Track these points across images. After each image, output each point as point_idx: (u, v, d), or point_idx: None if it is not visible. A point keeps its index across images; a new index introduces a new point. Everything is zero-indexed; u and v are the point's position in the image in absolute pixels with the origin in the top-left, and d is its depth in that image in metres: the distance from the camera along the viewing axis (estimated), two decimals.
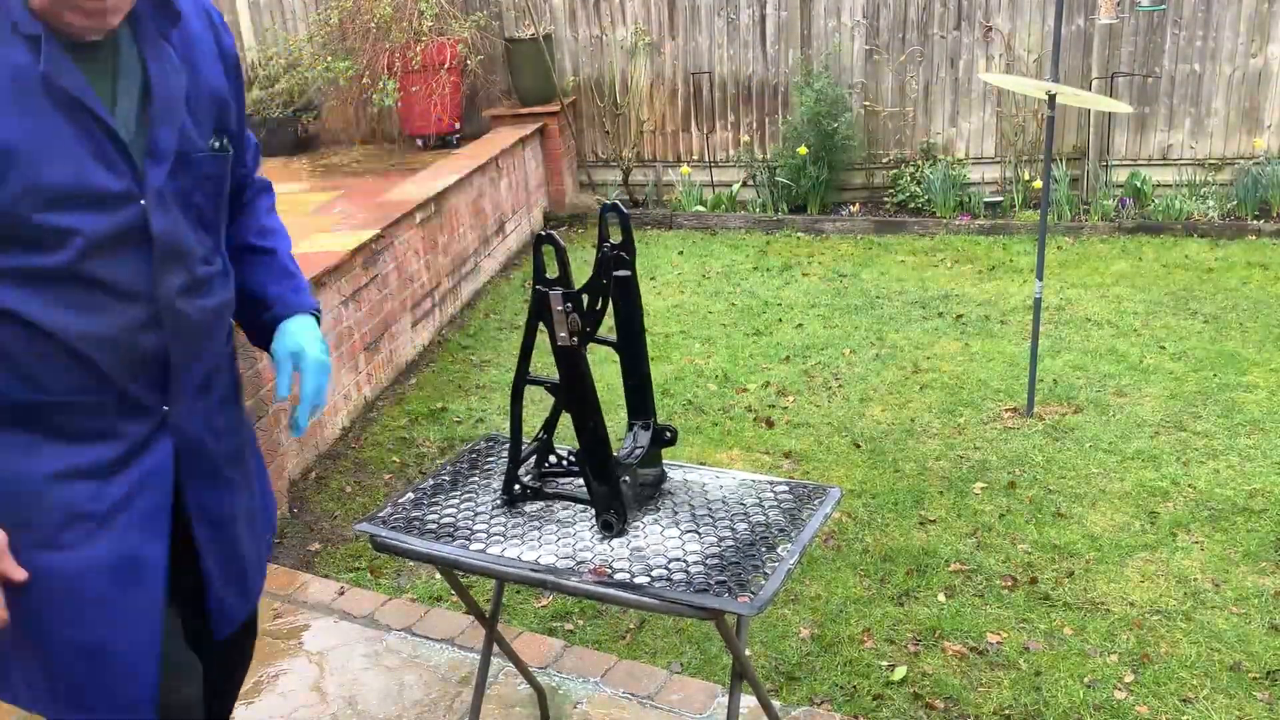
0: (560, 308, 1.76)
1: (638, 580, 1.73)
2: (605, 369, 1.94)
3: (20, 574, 1.46)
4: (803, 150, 7.10)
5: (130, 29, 1.49)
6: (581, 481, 1.93)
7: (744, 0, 7.35)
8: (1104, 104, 4.18)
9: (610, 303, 1.82)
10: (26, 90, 1.36)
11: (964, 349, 5.04)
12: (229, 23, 8.39)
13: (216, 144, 1.60)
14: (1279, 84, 6.69)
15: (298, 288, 1.82)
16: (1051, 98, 3.93)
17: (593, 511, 1.91)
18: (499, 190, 6.71)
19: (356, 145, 8.09)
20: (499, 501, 2.02)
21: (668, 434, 2.02)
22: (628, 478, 1.90)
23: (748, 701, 2.46)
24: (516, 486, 2.00)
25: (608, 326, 1.85)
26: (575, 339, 1.78)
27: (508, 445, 1.99)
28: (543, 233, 1.81)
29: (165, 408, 1.57)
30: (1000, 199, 7.15)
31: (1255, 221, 6.53)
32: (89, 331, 1.45)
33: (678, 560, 1.78)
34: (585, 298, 1.79)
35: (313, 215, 6.03)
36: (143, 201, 1.46)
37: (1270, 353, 4.76)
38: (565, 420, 1.91)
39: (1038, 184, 6.86)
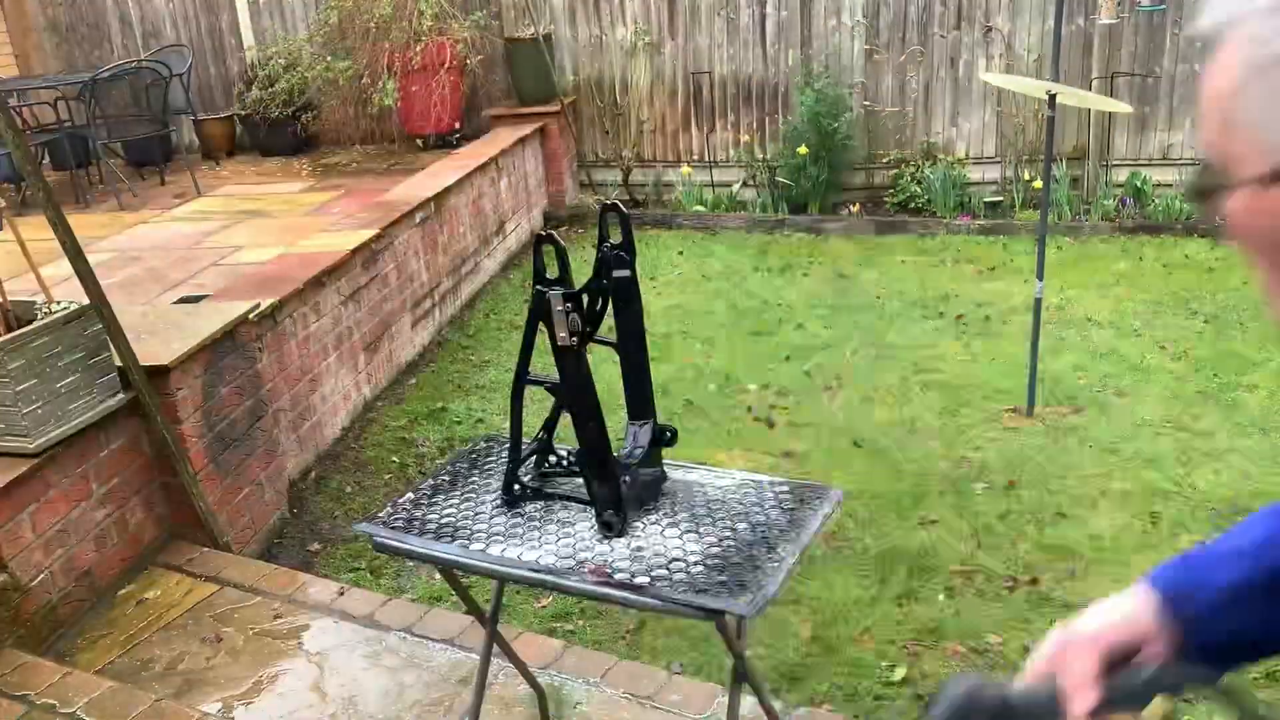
0: (560, 308, 1.76)
1: (638, 580, 1.73)
2: (605, 369, 1.94)
3: None
4: (803, 150, 7.09)
5: None
6: (581, 481, 1.93)
7: (744, 0, 7.34)
8: (1104, 104, 4.18)
9: (610, 303, 1.82)
10: None
11: (965, 349, 5.03)
12: (229, 22, 8.45)
13: None
14: None
15: None
16: (1052, 98, 3.93)
17: (593, 511, 1.90)
18: (499, 190, 6.71)
19: (356, 145, 8.08)
20: (499, 501, 2.01)
21: (668, 434, 2.02)
22: (628, 478, 1.90)
23: (748, 702, 2.45)
24: (516, 486, 2.00)
25: (608, 326, 1.84)
26: (575, 339, 1.78)
27: (507, 445, 1.98)
28: (543, 233, 1.81)
29: None
30: (1000, 199, 7.14)
31: None
32: None
33: (678, 560, 1.78)
34: (585, 298, 1.79)
35: (312, 215, 6.02)
36: None
37: (1271, 352, 4.76)
38: (565, 420, 1.91)
39: (1038, 184, 6.85)
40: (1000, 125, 7.17)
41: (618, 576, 1.75)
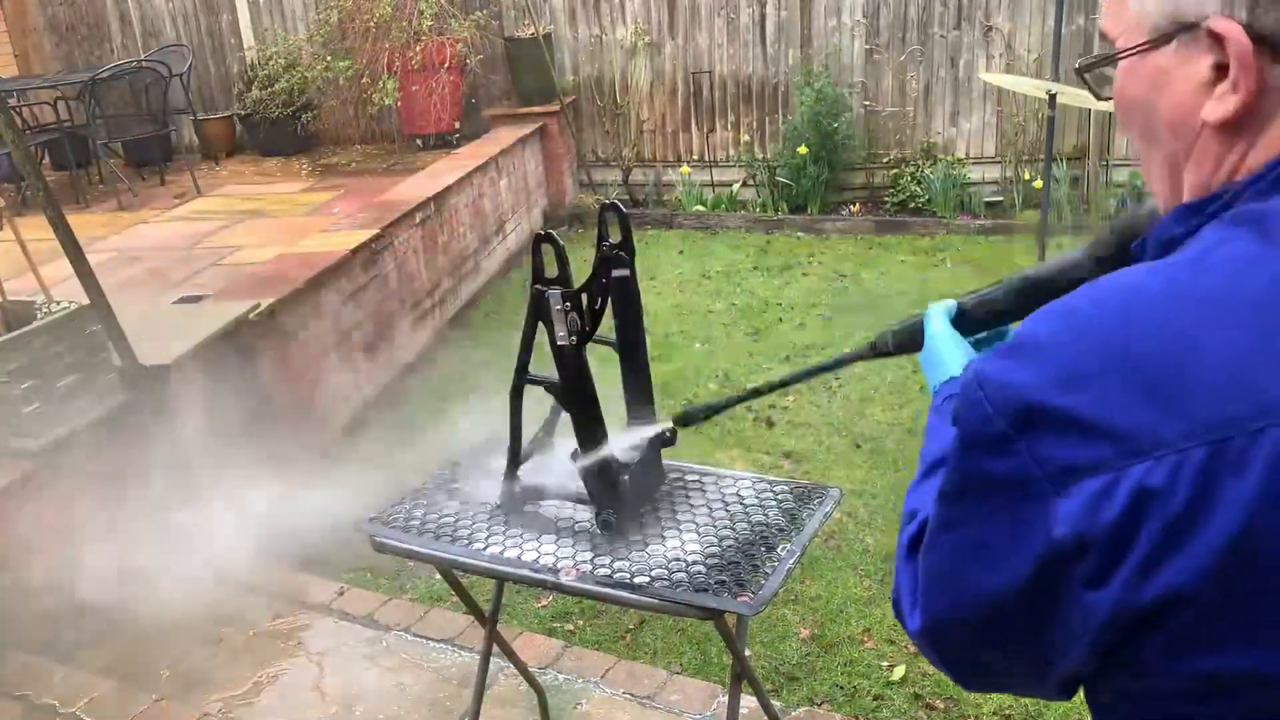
0: (559, 307, 1.76)
1: (638, 580, 1.73)
2: (605, 369, 1.94)
3: None
4: (803, 150, 7.09)
5: None
6: (581, 481, 1.93)
7: (744, 0, 7.34)
8: (1104, 104, 4.18)
9: (610, 302, 1.82)
10: None
11: None
12: (229, 22, 8.43)
13: None
14: None
15: None
16: (1052, 97, 3.93)
17: (593, 511, 1.90)
18: (499, 190, 6.71)
19: (356, 145, 8.08)
20: (499, 501, 2.01)
21: (667, 434, 2.02)
22: (627, 477, 1.90)
23: (748, 702, 2.46)
24: (516, 486, 2.00)
25: (608, 326, 1.84)
26: (574, 339, 1.78)
27: (507, 445, 1.98)
28: (542, 232, 1.81)
29: None
30: (1001, 199, 7.14)
31: None
32: None
33: (677, 560, 1.78)
34: (584, 297, 1.79)
35: (312, 215, 6.02)
36: None
37: None
38: (565, 420, 1.91)
39: (1038, 183, 6.84)
40: (1000, 125, 7.17)
41: (617, 576, 1.75)
